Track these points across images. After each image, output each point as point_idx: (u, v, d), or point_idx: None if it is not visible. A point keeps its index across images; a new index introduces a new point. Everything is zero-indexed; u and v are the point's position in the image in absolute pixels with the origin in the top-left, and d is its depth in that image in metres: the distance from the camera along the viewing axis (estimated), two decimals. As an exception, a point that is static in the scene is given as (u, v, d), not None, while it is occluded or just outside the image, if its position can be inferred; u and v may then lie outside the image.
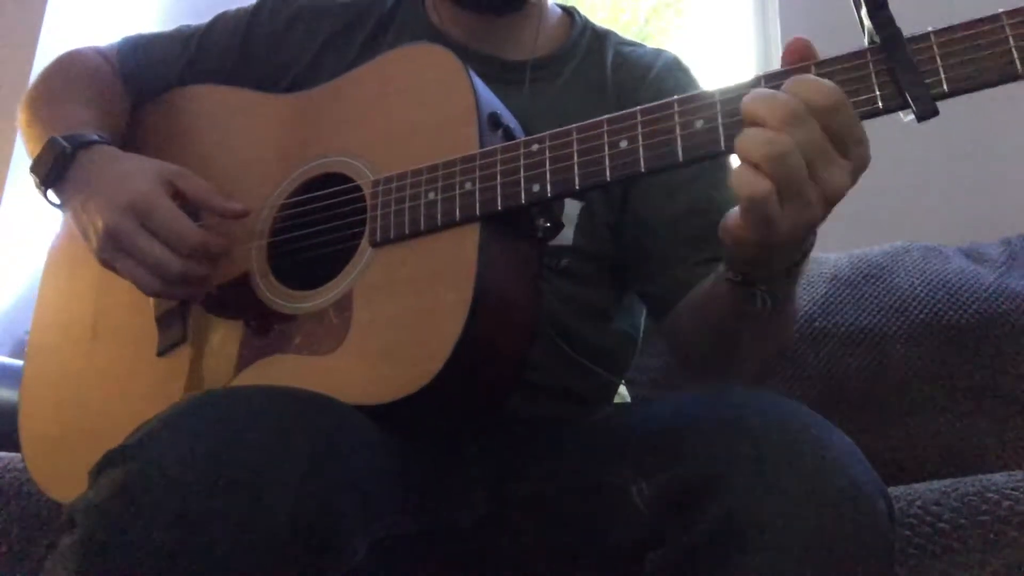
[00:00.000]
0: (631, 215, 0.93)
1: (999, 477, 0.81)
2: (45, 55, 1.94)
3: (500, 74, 0.87)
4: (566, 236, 0.89)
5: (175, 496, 0.53)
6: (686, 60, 1.04)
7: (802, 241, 0.65)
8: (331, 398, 0.67)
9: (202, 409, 0.60)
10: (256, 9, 1.05)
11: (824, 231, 0.64)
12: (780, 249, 0.63)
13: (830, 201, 0.60)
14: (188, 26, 1.07)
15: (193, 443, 0.56)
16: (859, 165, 0.60)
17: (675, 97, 0.67)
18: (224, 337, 0.84)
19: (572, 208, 0.90)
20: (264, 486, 0.55)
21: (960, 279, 1.33)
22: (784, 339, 0.82)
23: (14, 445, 1.09)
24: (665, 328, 0.92)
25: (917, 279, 1.35)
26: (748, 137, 0.59)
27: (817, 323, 1.34)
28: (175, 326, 0.87)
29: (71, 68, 1.04)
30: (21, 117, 1.00)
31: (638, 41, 1.06)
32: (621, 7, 2.55)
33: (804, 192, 0.58)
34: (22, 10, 2.02)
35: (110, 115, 0.98)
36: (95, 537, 0.53)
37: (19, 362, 1.57)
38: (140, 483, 0.54)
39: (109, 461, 0.57)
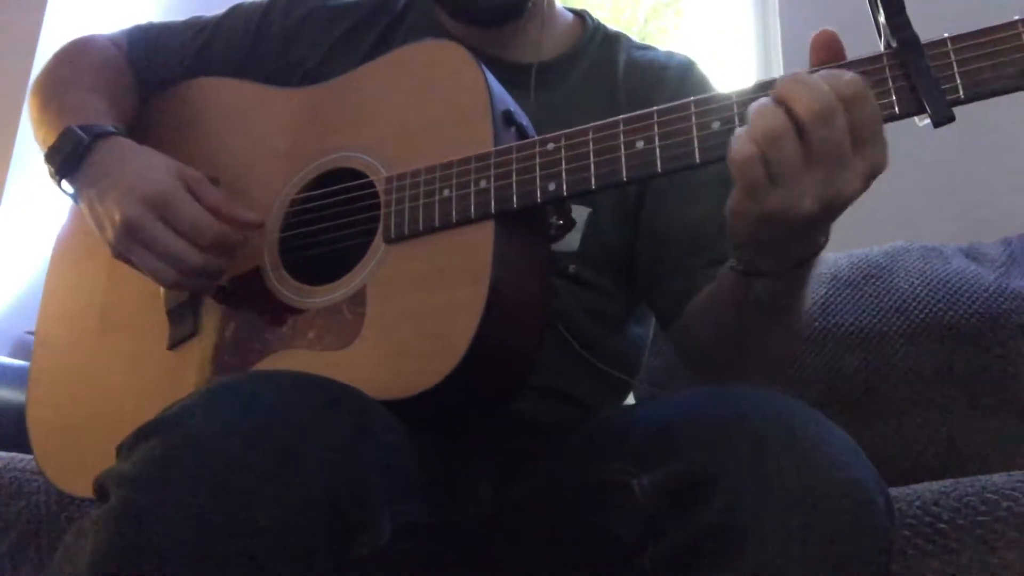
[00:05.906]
0: (645, 222, 0.92)
1: (999, 477, 0.81)
2: (45, 55, 1.94)
3: (506, 76, 0.88)
4: (573, 242, 0.89)
5: (212, 467, 0.54)
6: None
7: (801, 235, 0.65)
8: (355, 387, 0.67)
9: (238, 387, 0.60)
10: (269, 6, 1.04)
11: (824, 231, 0.64)
12: (775, 231, 0.64)
13: (829, 202, 0.61)
14: (200, 17, 1.07)
15: (230, 418, 0.57)
16: (873, 166, 0.61)
17: (692, 98, 0.67)
18: (236, 331, 0.84)
19: (579, 214, 0.89)
20: (299, 461, 0.55)
21: (960, 279, 1.33)
22: (791, 337, 0.83)
23: (14, 444, 1.09)
24: (674, 333, 0.92)
25: (917, 279, 1.34)
26: (761, 107, 0.61)
27: (817, 323, 1.33)
28: (187, 320, 0.87)
29: (83, 55, 1.03)
30: (31, 102, 0.99)
31: (651, 45, 1.05)
32: (621, 7, 2.55)
33: (799, 179, 0.60)
34: (22, 10, 2.02)
35: (122, 104, 0.98)
36: (132, 504, 0.53)
37: (19, 362, 1.58)
38: (178, 453, 0.54)
39: (145, 434, 0.57)
